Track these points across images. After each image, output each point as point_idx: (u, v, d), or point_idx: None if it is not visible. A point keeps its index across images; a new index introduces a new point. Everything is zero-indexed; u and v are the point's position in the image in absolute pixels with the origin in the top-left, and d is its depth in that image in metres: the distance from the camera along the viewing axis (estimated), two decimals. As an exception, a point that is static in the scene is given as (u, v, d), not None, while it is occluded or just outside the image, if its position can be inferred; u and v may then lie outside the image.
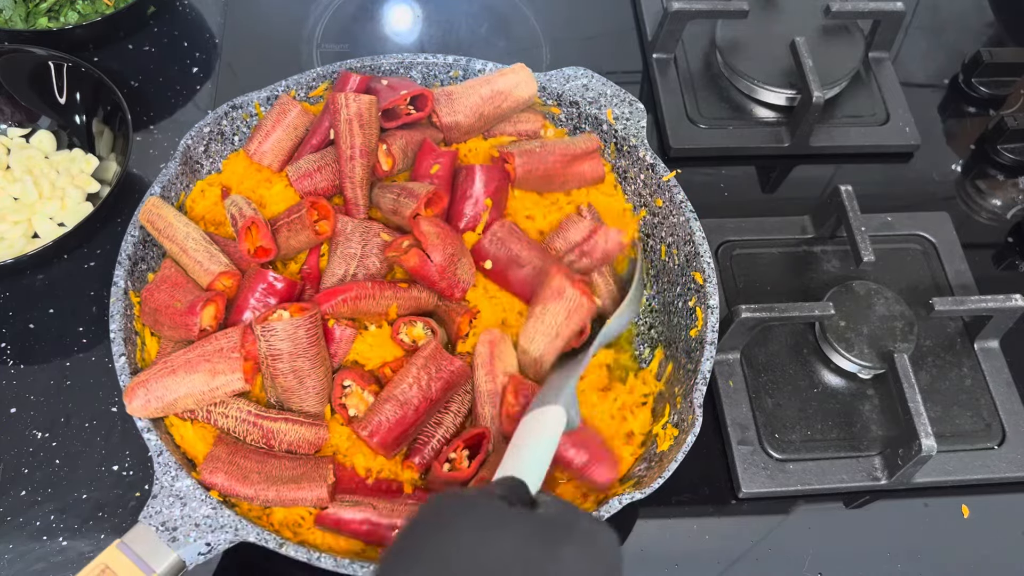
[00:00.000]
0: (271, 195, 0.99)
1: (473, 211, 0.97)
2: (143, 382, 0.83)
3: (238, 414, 0.85)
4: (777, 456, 0.98)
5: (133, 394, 0.83)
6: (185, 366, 0.83)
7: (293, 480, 0.82)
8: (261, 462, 0.83)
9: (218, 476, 0.82)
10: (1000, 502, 0.99)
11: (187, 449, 0.86)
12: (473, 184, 0.97)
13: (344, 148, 0.95)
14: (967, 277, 1.13)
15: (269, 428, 0.84)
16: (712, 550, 0.94)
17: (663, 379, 0.95)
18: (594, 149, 1.03)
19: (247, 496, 0.82)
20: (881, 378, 1.04)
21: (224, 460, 0.83)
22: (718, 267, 1.11)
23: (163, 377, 0.83)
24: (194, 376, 0.83)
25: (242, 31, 1.30)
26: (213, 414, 0.85)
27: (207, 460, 0.83)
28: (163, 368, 0.83)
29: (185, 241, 0.91)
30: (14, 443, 0.95)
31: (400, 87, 1.01)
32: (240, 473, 0.82)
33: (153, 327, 0.90)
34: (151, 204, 0.93)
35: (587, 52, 1.33)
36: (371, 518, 0.82)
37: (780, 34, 1.27)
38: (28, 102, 1.13)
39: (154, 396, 0.83)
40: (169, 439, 0.85)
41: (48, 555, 0.90)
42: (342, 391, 0.88)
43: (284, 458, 0.85)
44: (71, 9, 1.23)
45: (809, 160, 1.24)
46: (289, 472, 0.83)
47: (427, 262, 0.89)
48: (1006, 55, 1.30)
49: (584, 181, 1.03)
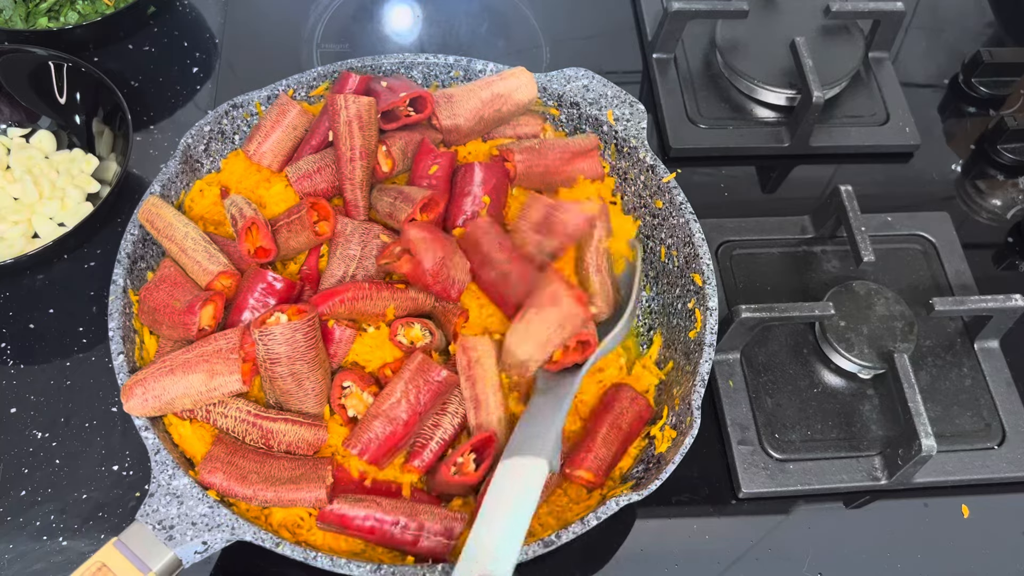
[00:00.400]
0: (270, 195, 0.99)
1: (472, 208, 0.97)
2: (140, 380, 0.83)
3: (237, 414, 0.85)
4: (777, 456, 0.98)
5: (131, 392, 0.83)
6: (183, 366, 0.83)
7: (291, 481, 0.82)
8: (260, 462, 0.83)
9: (216, 476, 0.82)
10: (1000, 502, 0.99)
11: (185, 448, 0.86)
12: (472, 181, 0.97)
13: (344, 150, 0.95)
14: (967, 277, 1.13)
15: (268, 428, 0.84)
16: (712, 550, 0.94)
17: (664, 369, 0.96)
18: (593, 147, 1.03)
19: (245, 496, 0.82)
20: (881, 378, 1.04)
21: (223, 460, 0.83)
22: (718, 267, 1.11)
23: (161, 376, 0.83)
24: (192, 376, 0.83)
25: (242, 31, 1.30)
26: (212, 413, 0.85)
27: (205, 460, 0.83)
28: (161, 367, 0.83)
29: (184, 241, 0.91)
30: (14, 443, 0.95)
31: (400, 88, 1.01)
32: (238, 473, 0.82)
33: (151, 326, 0.90)
34: (150, 203, 0.93)
35: (587, 52, 1.33)
36: (375, 514, 0.81)
37: (780, 34, 1.27)
38: (28, 102, 1.13)
39: (151, 395, 0.83)
40: (167, 438, 0.85)
41: (48, 555, 0.90)
42: (341, 392, 0.88)
43: (283, 459, 0.84)
44: (71, 9, 1.23)
45: (809, 160, 1.24)
46: (288, 473, 0.83)
47: (420, 267, 0.89)
48: (1006, 55, 1.30)
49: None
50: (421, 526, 0.81)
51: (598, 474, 0.87)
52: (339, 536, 0.84)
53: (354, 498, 0.82)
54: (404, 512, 0.82)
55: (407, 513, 0.82)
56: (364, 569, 0.77)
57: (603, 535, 0.94)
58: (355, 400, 0.87)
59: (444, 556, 0.82)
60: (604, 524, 0.81)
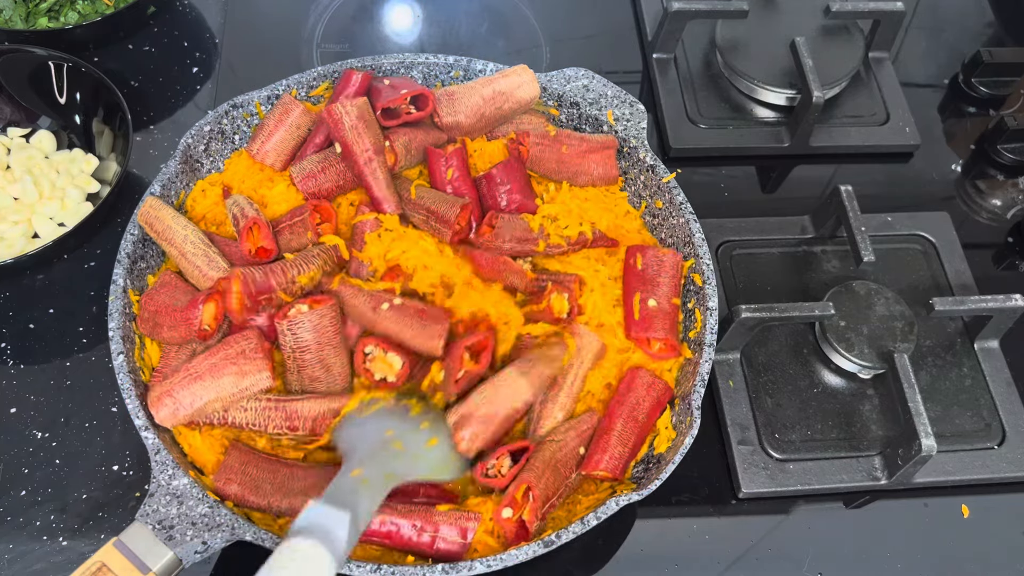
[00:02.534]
0: (272, 195, 0.99)
1: (505, 202, 0.99)
2: (168, 392, 0.83)
3: (256, 404, 0.85)
4: (777, 456, 0.98)
5: (160, 403, 0.83)
6: (211, 371, 0.84)
7: (303, 492, 0.82)
8: (273, 471, 0.84)
9: (232, 487, 0.82)
10: (1000, 502, 0.99)
11: (196, 458, 0.86)
12: (496, 186, 0.98)
13: (359, 152, 0.95)
14: (967, 277, 1.13)
15: (293, 409, 0.85)
16: (712, 550, 0.94)
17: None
18: (610, 146, 1.03)
19: (260, 507, 0.82)
20: (881, 378, 1.04)
21: (237, 471, 0.83)
22: (718, 267, 1.11)
23: (189, 384, 0.83)
24: (223, 380, 0.84)
25: (242, 31, 1.30)
26: (230, 412, 0.85)
27: (221, 470, 0.83)
28: (187, 375, 0.84)
29: (184, 245, 0.91)
30: (14, 443, 0.95)
31: (401, 86, 1.01)
32: (252, 483, 0.82)
33: (152, 333, 0.90)
34: (149, 205, 0.93)
35: (587, 52, 1.33)
36: (391, 519, 0.81)
37: (780, 34, 1.27)
38: (28, 102, 1.13)
39: (183, 404, 0.83)
40: (167, 437, 0.85)
41: (48, 555, 0.90)
42: (364, 357, 0.89)
43: (296, 467, 0.85)
44: (71, 9, 1.23)
45: (809, 160, 1.24)
46: (300, 483, 0.83)
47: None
48: (1006, 55, 1.30)
49: (594, 179, 1.03)
50: (437, 528, 0.81)
51: (615, 471, 0.86)
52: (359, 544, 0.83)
53: None
54: (419, 515, 0.82)
55: (422, 516, 0.82)
56: (364, 569, 0.77)
57: (603, 535, 0.94)
58: (380, 364, 0.88)
59: (460, 557, 0.81)
60: (604, 524, 0.81)
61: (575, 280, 0.94)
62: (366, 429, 0.85)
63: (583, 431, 0.89)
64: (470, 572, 0.77)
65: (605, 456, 0.86)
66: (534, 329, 0.92)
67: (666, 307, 0.94)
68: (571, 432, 0.88)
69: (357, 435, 0.84)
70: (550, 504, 0.84)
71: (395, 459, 0.82)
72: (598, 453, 0.87)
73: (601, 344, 0.92)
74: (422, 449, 0.84)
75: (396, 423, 0.86)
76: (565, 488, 0.86)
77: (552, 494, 0.84)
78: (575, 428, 0.89)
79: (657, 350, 0.93)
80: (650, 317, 0.93)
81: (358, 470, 0.79)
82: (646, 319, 0.93)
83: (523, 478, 0.83)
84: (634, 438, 0.88)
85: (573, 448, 0.87)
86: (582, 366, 0.91)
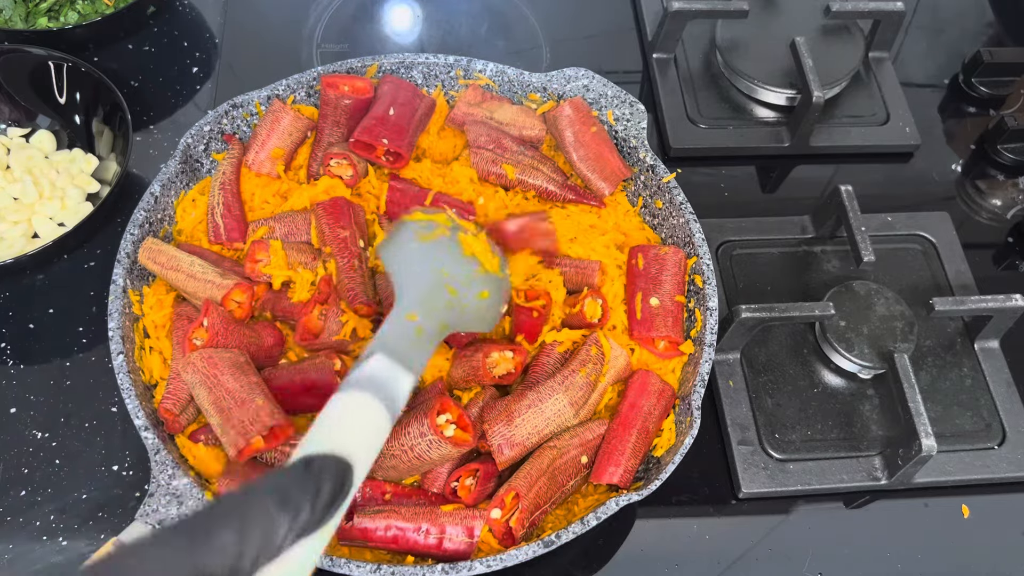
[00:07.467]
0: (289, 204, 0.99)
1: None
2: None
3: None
4: (777, 456, 0.98)
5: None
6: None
7: None
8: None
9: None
10: (1000, 502, 0.99)
11: (201, 469, 0.86)
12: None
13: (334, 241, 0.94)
14: (967, 277, 1.13)
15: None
16: (712, 550, 0.94)
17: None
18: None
19: None
20: (881, 378, 1.04)
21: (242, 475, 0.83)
22: (718, 267, 1.11)
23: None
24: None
25: (242, 31, 1.30)
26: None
27: (225, 472, 0.83)
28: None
29: (192, 267, 0.90)
30: (14, 443, 0.95)
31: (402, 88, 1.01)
32: None
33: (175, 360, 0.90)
34: (148, 244, 0.92)
35: (587, 52, 1.33)
36: (396, 523, 0.81)
37: (780, 34, 1.27)
38: (28, 102, 1.13)
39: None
40: (168, 437, 0.85)
41: (48, 555, 0.90)
42: (436, 420, 0.82)
43: None
44: (71, 9, 1.23)
45: (809, 160, 1.24)
46: None
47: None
48: (1006, 55, 1.30)
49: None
50: (443, 529, 0.81)
51: (625, 483, 0.86)
52: (363, 550, 0.83)
53: (373, 510, 0.82)
54: (425, 517, 0.81)
55: (427, 518, 0.81)
56: (364, 569, 0.77)
57: (603, 535, 0.94)
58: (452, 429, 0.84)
59: (468, 556, 0.81)
60: (604, 524, 0.81)
61: (598, 268, 0.95)
62: (421, 262, 0.81)
63: (588, 440, 0.87)
64: (470, 572, 0.77)
65: (619, 469, 0.85)
66: (560, 336, 0.92)
67: (669, 305, 0.94)
68: (575, 440, 0.87)
69: (410, 265, 0.80)
70: (541, 511, 0.83)
71: (448, 309, 0.79)
72: (612, 465, 0.85)
73: (627, 360, 0.92)
74: (472, 299, 0.81)
75: (451, 263, 0.82)
76: (561, 495, 0.85)
77: (544, 501, 0.83)
78: (579, 436, 0.87)
79: (663, 348, 0.93)
80: (652, 316, 0.93)
81: (414, 314, 0.75)
82: (648, 319, 0.93)
83: (513, 484, 0.83)
84: (644, 448, 0.88)
85: (574, 456, 0.86)
86: (606, 379, 0.91)
